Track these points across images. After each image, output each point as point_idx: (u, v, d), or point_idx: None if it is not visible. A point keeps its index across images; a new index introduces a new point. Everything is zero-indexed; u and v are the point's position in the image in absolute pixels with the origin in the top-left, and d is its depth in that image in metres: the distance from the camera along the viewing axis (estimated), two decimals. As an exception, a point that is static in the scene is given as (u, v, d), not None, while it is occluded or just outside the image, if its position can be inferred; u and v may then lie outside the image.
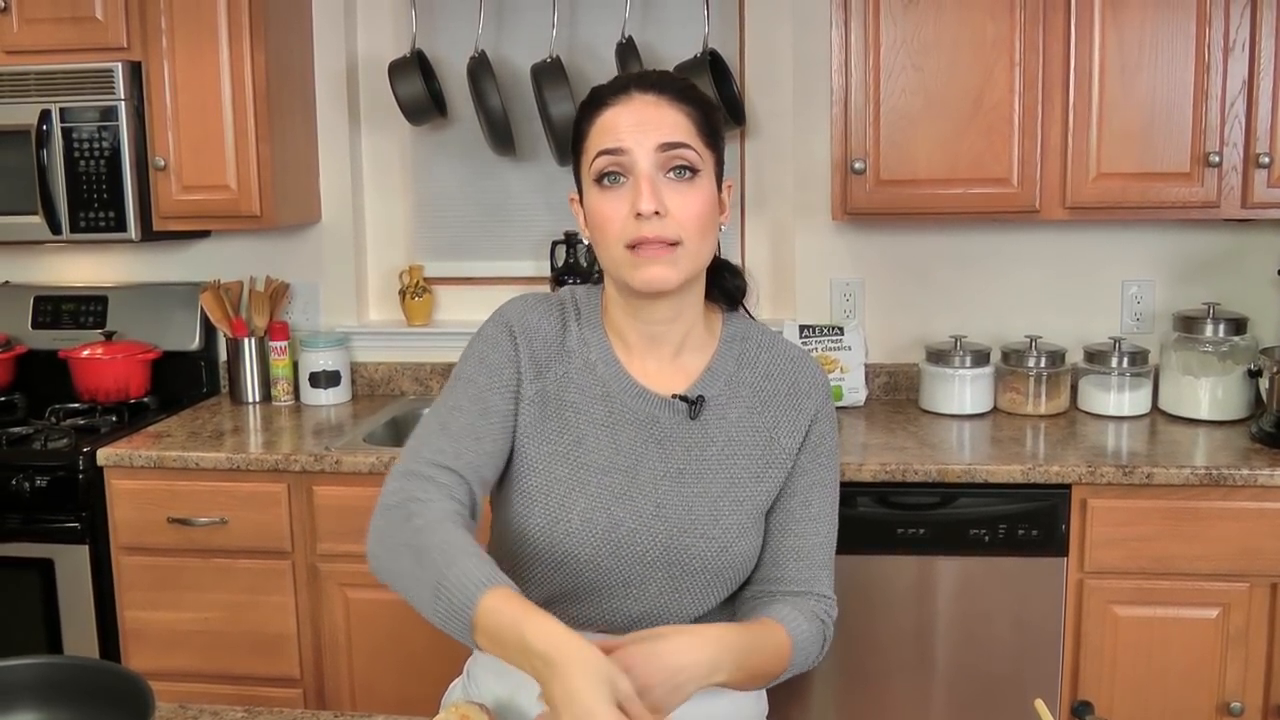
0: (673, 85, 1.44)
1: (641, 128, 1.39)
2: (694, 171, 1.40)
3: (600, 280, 1.55)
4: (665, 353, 1.50)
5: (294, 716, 1.48)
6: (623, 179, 1.39)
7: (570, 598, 1.49)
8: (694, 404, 1.47)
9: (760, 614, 1.44)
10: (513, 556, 1.52)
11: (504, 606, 1.21)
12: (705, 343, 1.52)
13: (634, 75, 1.47)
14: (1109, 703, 2.52)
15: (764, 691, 1.58)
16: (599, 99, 1.45)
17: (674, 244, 1.39)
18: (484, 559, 1.28)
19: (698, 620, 1.50)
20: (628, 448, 1.47)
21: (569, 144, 3.25)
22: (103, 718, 1.30)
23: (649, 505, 1.45)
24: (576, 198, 1.51)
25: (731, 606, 1.54)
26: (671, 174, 1.39)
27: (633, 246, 1.39)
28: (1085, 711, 1.33)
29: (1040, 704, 1.37)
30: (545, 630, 1.17)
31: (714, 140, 1.46)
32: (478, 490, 1.43)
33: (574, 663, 1.13)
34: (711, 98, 1.56)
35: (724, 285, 1.56)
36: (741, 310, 1.60)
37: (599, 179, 1.41)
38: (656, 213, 1.37)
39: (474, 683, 1.61)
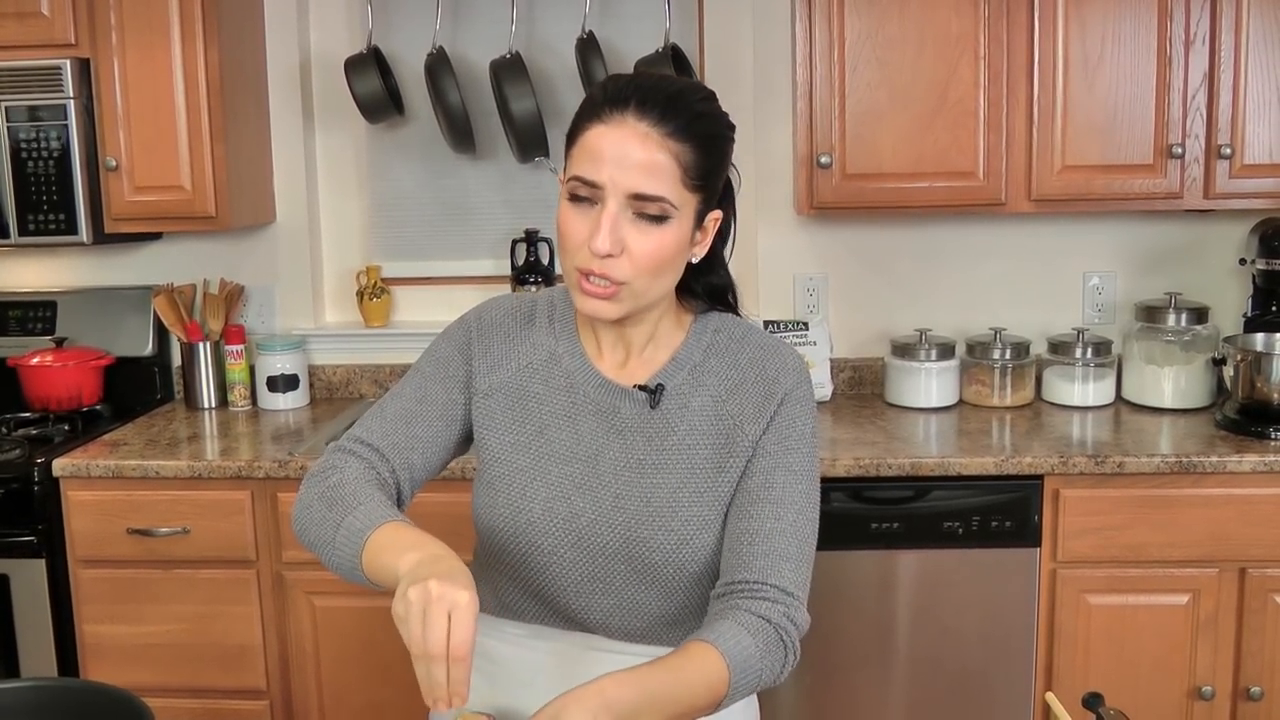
0: (676, 117, 1.34)
1: (621, 165, 1.32)
2: (664, 218, 1.35)
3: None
4: (632, 349, 1.49)
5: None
6: (592, 204, 1.36)
7: (540, 594, 1.49)
8: (653, 393, 1.46)
9: (694, 635, 1.32)
10: (486, 553, 1.53)
11: (398, 528, 1.29)
12: (673, 336, 1.50)
13: (640, 87, 1.35)
14: (1083, 691, 2.54)
15: (754, 698, 1.56)
16: (597, 108, 1.36)
17: (620, 283, 1.36)
18: (392, 508, 1.35)
19: (672, 620, 1.48)
20: (589, 438, 1.46)
21: (530, 141, 3.20)
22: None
23: (608, 496, 1.44)
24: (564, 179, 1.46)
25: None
26: (639, 217, 1.35)
27: (584, 272, 1.37)
28: (1096, 703, 1.33)
29: (1051, 696, 1.37)
30: (422, 541, 1.25)
31: (704, 180, 1.38)
32: (401, 471, 1.48)
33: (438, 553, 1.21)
34: (722, 119, 1.42)
35: (697, 286, 1.52)
36: (726, 306, 1.56)
37: (571, 194, 1.38)
38: (610, 253, 1.34)
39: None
